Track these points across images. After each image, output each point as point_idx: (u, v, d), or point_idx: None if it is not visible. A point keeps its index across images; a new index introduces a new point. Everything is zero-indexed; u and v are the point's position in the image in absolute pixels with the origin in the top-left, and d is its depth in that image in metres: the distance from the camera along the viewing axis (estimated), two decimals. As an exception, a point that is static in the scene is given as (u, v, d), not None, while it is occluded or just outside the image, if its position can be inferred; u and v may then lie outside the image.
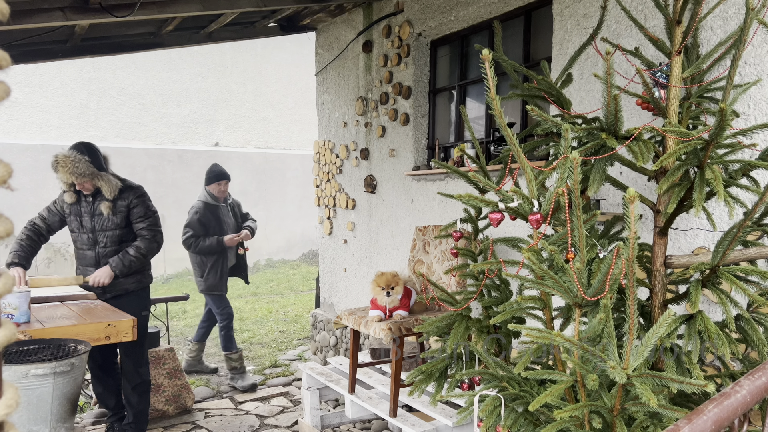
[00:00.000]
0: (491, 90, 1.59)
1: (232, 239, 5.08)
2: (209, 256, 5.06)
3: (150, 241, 3.56)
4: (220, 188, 5.18)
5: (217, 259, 5.09)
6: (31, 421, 2.27)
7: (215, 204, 5.16)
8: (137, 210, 3.53)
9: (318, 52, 6.00)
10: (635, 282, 1.38)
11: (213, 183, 5.18)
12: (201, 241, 4.97)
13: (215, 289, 5.11)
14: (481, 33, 4.30)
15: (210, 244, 4.97)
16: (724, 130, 1.57)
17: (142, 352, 3.61)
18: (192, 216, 5.06)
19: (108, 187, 3.46)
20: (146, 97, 11.86)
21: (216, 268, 5.08)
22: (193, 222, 5.03)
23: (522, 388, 1.81)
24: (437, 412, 3.13)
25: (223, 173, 5.23)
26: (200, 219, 5.03)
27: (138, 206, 3.54)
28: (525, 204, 1.64)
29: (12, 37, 4.33)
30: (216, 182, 5.18)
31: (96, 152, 3.51)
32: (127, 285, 3.59)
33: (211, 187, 5.19)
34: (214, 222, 5.10)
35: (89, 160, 3.41)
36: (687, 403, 1.85)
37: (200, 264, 5.09)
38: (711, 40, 2.68)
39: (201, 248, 4.97)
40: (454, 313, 2.09)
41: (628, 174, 2.99)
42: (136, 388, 3.58)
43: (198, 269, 5.13)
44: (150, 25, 4.91)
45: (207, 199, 5.14)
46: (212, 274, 5.06)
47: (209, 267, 5.06)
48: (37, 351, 2.44)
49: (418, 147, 4.74)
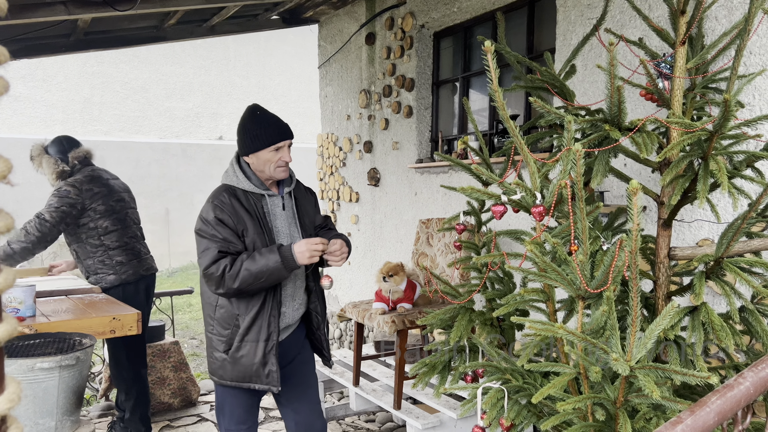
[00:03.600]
0: (494, 82, 1.58)
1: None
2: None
3: (17, 234, 3.23)
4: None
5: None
6: (37, 415, 2.29)
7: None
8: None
9: (321, 44, 5.98)
10: (638, 274, 1.38)
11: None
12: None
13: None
14: (484, 24, 4.28)
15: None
16: (729, 121, 1.56)
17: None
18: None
19: (47, 170, 3.38)
20: (150, 90, 11.86)
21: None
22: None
23: (525, 381, 1.81)
24: (441, 404, 3.14)
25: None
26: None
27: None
28: (528, 196, 1.63)
29: (15, 31, 4.34)
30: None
31: (56, 141, 3.47)
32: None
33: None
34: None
35: (43, 145, 3.44)
36: (691, 395, 1.85)
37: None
38: (716, 30, 2.65)
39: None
40: (457, 306, 2.09)
41: (632, 165, 2.97)
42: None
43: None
44: (152, 18, 4.90)
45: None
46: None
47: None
48: (42, 345, 2.45)
49: (422, 139, 4.73)
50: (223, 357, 2.34)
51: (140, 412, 3.58)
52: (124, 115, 11.65)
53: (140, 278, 3.56)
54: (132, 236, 3.56)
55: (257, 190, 2.33)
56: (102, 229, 3.40)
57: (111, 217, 3.44)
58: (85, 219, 3.37)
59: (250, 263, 2.17)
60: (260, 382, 2.33)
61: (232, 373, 2.34)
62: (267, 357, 2.31)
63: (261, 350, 2.30)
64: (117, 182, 3.59)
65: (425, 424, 3.05)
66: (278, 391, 2.34)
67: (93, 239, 3.40)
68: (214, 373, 2.41)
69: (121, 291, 3.46)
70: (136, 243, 3.58)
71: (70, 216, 3.29)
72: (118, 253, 3.45)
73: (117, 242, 3.45)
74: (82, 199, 3.32)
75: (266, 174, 2.33)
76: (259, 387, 2.35)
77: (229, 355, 2.32)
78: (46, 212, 3.24)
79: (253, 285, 2.18)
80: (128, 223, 3.55)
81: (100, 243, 3.41)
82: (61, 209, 3.25)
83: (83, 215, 3.35)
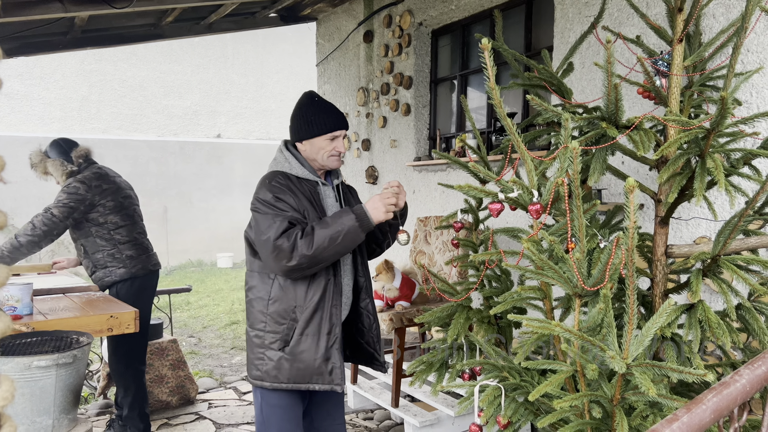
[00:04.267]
0: (491, 79, 1.58)
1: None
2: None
3: (24, 228, 3.26)
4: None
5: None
6: (34, 413, 2.29)
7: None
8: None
9: (319, 42, 5.97)
10: (635, 272, 1.38)
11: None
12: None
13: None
14: (482, 22, 4.28)
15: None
16: (726, 119, 1.56)
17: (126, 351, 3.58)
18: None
19: (56, 173, 3.42)
20: (148, 88, 11.84)
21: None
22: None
23: (522, 378, 1.81)
24: (439, 402, 3.14)
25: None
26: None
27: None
28: (525, 194, 1.63)
29: (11, 29, 4.32)
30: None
31: (54, 143, 3.50)
32: (96, 283, 3.49)
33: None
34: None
35: (42, 151, 3.48)
36: (688, 392, 1.85)
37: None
38: (713, 27, 2.65)
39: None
40: (454, 304, 2.09)
41: (630, 163, 2.97)
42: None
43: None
44: (150, 16, 4.89)
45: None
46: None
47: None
48: (39, 343, 2.45)
49: (420, 138, 4.72)
50: (279, 355, 2.14)
51: (138, 409, 3.58)
52: (122, 113, 11.63)
53: (148, 273, 3.62)
54: (140, 231, 3.63)
55: (312, 177, 2.22)
56: (112, 224, 3.45)
57: (120, 212, 3.50)
58: (95, 214, 3.42)
59: (323, 227, 2.03)
60: (322, 381, 2.16)
61: (290, 372, 2.14)
62: (330, 352, 2.15)
63: (323, 344, 2.14)
64: (121, 180, 3.66)
65: (423, 421, 3.05)
66: (342, 390, 2.17)
67: (103, 234, 3.44)
68: (264, 376, 2.17)
69: (129, 285, 3.51)
70: (144, 238, 3.66)
71: (78, 212, 3.34)
72: (127, 247, 3.51)
73: (127, 237, 3.51)
74: (91, 195, 3.38)
75: (318, 162, 2.23)
76: (320, 387, 2.16)
77: (287, 351, 2.13)
78: (54, 207, 3.30)
79: (328, 250, 2.02)
80: (136, 219, 3.62)
81: (110, 237, 3.46)
82: (69, 205, 3.30)
83: (92, 211, 3.40)
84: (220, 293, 8.87)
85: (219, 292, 8.94)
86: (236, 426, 3.94)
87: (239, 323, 6.97)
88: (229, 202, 12.18)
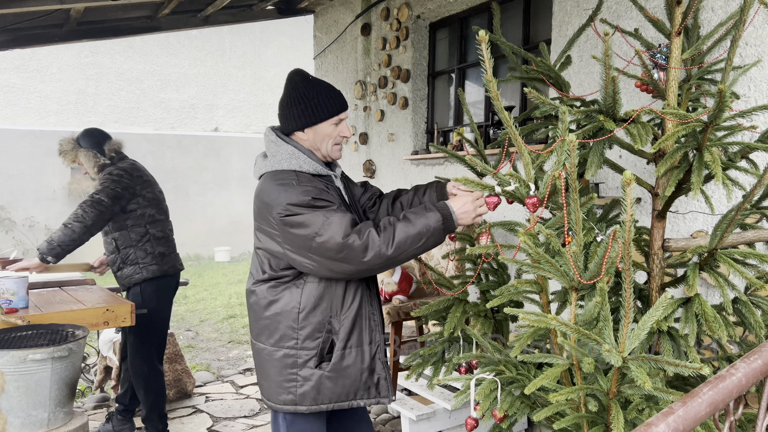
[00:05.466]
0: (488, 72, 1.57)
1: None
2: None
3: (74, 215, 3.13)
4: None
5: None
6: (30, 406, 2.28)
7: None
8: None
9: (316, 35, 5.95)
10: (631, 265, 1.37)
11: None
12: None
13: None
14: (480, 15, 4.26)
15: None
16: (723, 112, 1.55)
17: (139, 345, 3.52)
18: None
19: (87, 164, 3.35)
20: (145, 82, 11.80)
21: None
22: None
23: (519, 372, 1.81)
24: (435, 395, 3.15)
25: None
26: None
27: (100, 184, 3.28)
28: (522, 187, 1.62)
29: (6, 21, 4.30)
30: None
31: (88, 133, 3.43)
32: (121, 281, 3.41)
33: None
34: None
35: (74, 138, 3.40)
36: (684, 386, 1.85)
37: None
38: (712, 20, 2.65)
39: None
40: (451, 298, 2.09)
41: (628, 157, 2.97)
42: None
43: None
44: (146, 8, 4.86)
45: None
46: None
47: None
48: (35, 336, 2.44)
49: (417, 131, 4.71)
50: (319, 373, 1.90)
51: (158, 410, 3.49)
52: (119, 107, 11.59)
53: (177, 272, 3.53)
54: (171, 228, 3.55)
55: (325, 171, 1.96)
56: (149, 217, 3.37)
57: (157, 206, 3.43)
58: (134, 205, 3.32)
59: (406, 224, 1.77)
60: (368, 395, 1.96)
61: (334, 390, 1.91)
62: (374, 363, 1.96)
63: (368, 355, 1.94)
64: (152, 176, 3.58)
65: (419, 415, 3.05)
66: (389, 402, 2.01)
67: (139, 227, 3.34)
68: (299, 400, 1.91)
69: (156, 283, 3.39)
70: (173, 236, 3.56)
71: (124, 199, 3.26)
72: (161, 243, 3.41)
73: (161, 232, 3.42)
74: (134, 183, 3.32)
75: (321, 152, 1.97)
76: (365, 402, 1.95)
77: (330, 368, 1.90)
78: (101, 193, 3.18)
79: (407, 252, 1.77)
80: (168, 215, 3.54)
81: (146, 231, 3.35)
82: (116, 189, 3.21)
83: (132, 201, 3.31)
84: (217, 287, 8.87)
85: (216, 286, 8.93)
86: (233, 419, 3.94)
87: (236, 317, 6.97)
88: (227, 196, 12.16)
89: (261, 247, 1.95)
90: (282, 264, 1.91)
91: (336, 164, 2.10)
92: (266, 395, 1.98)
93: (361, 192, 2.19)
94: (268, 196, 1.86)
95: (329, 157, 2.01)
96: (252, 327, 2.02)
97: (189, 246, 11.55)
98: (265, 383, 1.98)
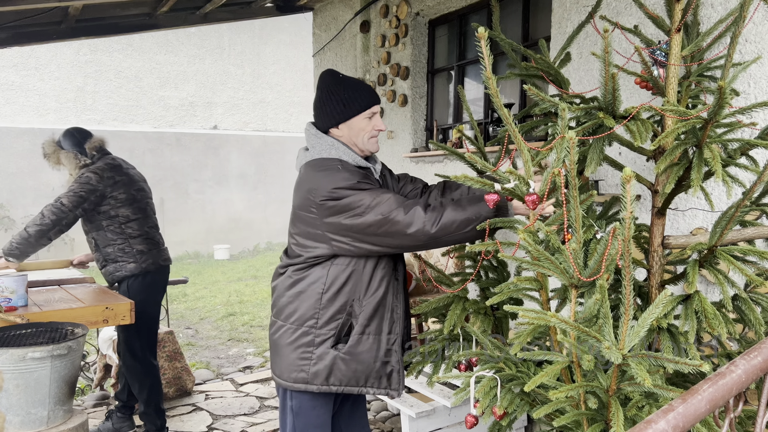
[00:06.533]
0: (487, 68, 1.56)
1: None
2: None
3: (35, 218, 3.21)
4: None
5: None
6: (30, 404, 2.28)
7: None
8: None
9: (315, 32, 5.94)
10: (631, 262, 1.37)
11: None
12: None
13: None
14: (480, 12, 4.25)
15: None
16: (723, 109, 1.55)
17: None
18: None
19: (69, 165, 3.37)
20: (144, 79, 11.78)
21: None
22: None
23: (518, 369, 1.81)
24: (435, 392, 3.15)
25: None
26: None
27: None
28: (521, 184, 1.62)
29: (4, 18, 4.28)
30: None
31: (68, 134, 3.44)
32: (105, 277, 3.45)
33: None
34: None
35: (56, 141, 3.42)
36: (684, 383, 1.85)
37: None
38: (711, 17, 2.64)
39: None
40: (451, 295, 2.09)
41: (627, 154, 2.97)
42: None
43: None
44: (144, 5, 4.85)
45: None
46: None
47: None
48: (34, 334, 2.44)
49: (417, 129, 4.71)
50: (334, 354, 1.92)
51: (155, 405, 3.52)
52: (118, 104, 11.56)
53: (159, 268, 3.54)
54: (152, 226, 3.55)
55: (364, 164, 1.99)
56: (123, 218, 3.39)
57: (132, 205, 3.43)
58: (106, 207, 3.35)
59: (456, 209, 1.78)
60: (378, 384, 1.98)
61: (346, 373, 1.94)
62: (390, 354, 1.97)
63: (384, 344, 1.96)
64: (135, 171, 3.58)
65: (419, 412, 3.06)
66: (398, 396, 2.02)
67: (114, 227, 3.38)
68: (311, 378, 1.94)
69: (141, 280, 3.43)
70: (156, 233, 3.57)
71: (88, 202, 3.28)
72: (138, 241, 3.43)
73: (138, 231, 3.44)
74: (102, 186, 3.32)
75: (359, 146, 2.01)
76: (375, 391, 1.98)
77: (345, 350, 1.92)
78: (64, 197, 3.24)
79: (452, 235, 1.78)
80: (148, 213, 3.54)
81: (121, 231, 3.39)
82: (79, 194, 3.24)
83: (103, 203, 3.33)
84: (216, 285, 8.86)
85: (216, 284, 8.93)
86: (233, 417, 3.94)
87: (236, 315, 6.97)
88: (226, 194, 12.15)
89: (296, 232, 1.99)
90: (313, 246, 1.94)
91: (375, 159, 2.14)
92: (277, 373, 2.01)
93: (403, 184, 2.21)
94: (310, 183, 1.91)
95: (367, 151, 2.05)
96: (274, 304, 2.06)
97: (188, 244, 11.55)
98: (278, 360, 2.01)
